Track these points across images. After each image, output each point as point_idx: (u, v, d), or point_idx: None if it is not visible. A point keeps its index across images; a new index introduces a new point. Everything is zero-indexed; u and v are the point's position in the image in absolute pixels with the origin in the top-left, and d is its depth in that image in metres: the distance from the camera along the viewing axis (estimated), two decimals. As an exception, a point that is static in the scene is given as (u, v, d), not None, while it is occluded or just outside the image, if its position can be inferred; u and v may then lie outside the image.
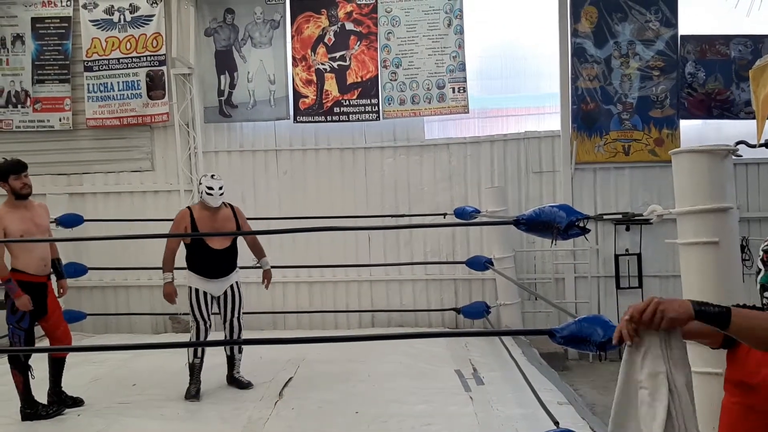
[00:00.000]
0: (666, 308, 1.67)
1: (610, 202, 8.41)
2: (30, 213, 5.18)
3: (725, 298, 2.67)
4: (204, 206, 5.68)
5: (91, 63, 8.72)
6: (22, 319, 5.05)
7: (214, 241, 5.61)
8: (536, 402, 4.85)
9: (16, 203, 5.11)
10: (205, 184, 5.66)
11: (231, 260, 5.78)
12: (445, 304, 8.60)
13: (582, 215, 3.27)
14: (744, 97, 8.15)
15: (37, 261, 5.18)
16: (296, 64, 8.57)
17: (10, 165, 5.11)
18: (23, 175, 5.11)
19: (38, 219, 5.24)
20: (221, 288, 5.75)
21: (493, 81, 8.92)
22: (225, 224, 5.71)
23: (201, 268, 5.66)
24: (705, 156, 2.71)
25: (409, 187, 8.70)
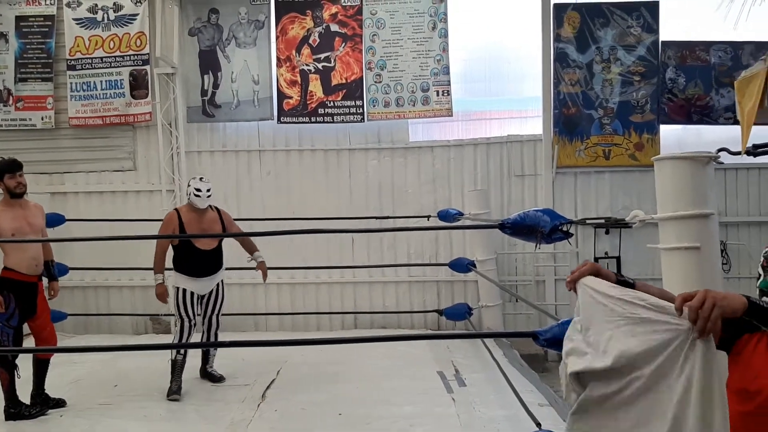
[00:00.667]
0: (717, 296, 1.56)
1: (590, 206, 8.50)
2: (24, 212, 5.21)
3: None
4: (191, 208, 5.87)
5: (74, 62, 8.65)
6: (12, 318, 5.04)
7: (202, 242, 5.77)
8: (518, 403, 4.90)
9: (11, 202, 5.15)
10: (193, 186, 5.85)
11: (217, 260, 5.98)
12: (428, 305, 8.63)
13: (565, 220, 3.32)
14: (723, 103, 8.28)
15: (29, 260, 5.18)
16: (281, 64, 8.57)
17: (5, 164, 5.17)
18: (18, 174, 5.15)
19: (32, 218, 5.27)
20: (208, 287, 5.94)
21: (477, 84, 8.98)
22: (212, 226, 5.89)
23: (188, 269, 5.81)
24: (687, 162, 2.77)
25: (393, 189, 8.73)
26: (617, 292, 1.84)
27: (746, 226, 8.42)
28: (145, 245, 8.70)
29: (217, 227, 5.95)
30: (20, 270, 5.12)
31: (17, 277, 5.11)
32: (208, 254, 5.86)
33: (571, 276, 2.03)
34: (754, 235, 8.46)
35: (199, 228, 5.79)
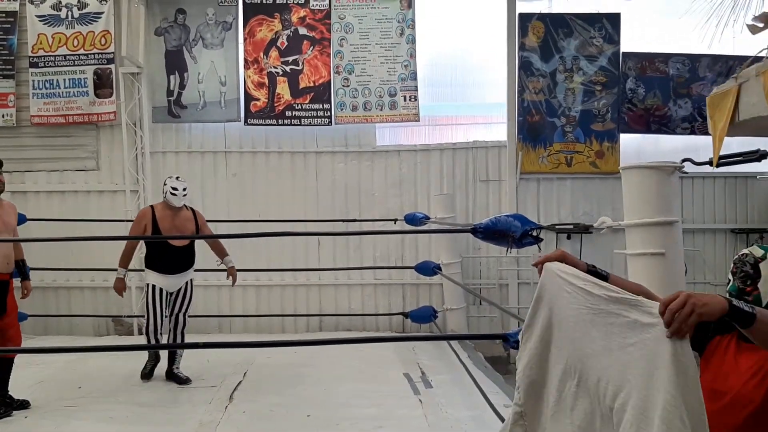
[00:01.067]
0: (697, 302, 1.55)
1: (552, 211, 8.68)
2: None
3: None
4: (166, 206, 6.02)
5: (36, 59, 8.51)
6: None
7: (174, 240, 5.90)
8: (484, 404, 5.01)
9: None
10: (170, 185, 5.99)
11: (189, 258, 6.11)
12: (393, 308, 8.71)
13: (535, 225, 3.42)
14: (681, 114, 8.55)
15: (1, 259, 5.14)
16: (248, 66, 8.56)
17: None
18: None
19: (6, 217, 5.26)
20: (177, 284, 6.04)
21: (443, 89, 9.09)
22: (185, 224, 6.03)
23: (160, 265, 5.94)
24: (653, 172, 2.89)
25: (360, 193, 8.79)
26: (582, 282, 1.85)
27: (701, 233, 8.70)
28: (107, 246, 8.59)
29: (191, 226, 6.06)
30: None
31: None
32: (179, 251, 5.98)
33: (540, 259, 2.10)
34: (708, 241, 8.75)
35: (171, 225, 5.93)
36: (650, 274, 2.88)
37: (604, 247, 8.49)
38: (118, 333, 8.65)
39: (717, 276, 8.69)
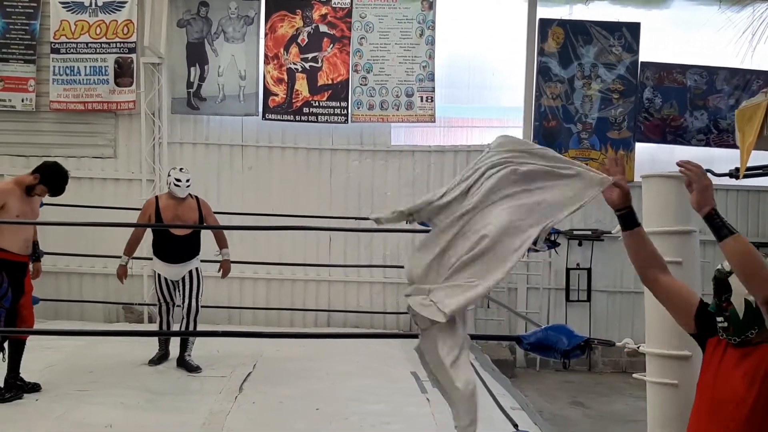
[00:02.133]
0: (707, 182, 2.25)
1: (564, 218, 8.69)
2: (30, 198, 5.34)
3: (686, 314, 2.87)
4: (171, 196, 6.17)
5: (58, 45, 8.60)
6: (4, 298, 5.04)
7: (177, 230, 6.03)
8: (491, 406, 5.02)
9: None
10: (173, 176, 6.15)
11: (191, 247, 6.18)
12: (401, 307, 8.72)
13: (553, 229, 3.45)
14: (696, 125, 8.57)
15: (22, 242, 5.25)
16: (268, 61, 8.63)
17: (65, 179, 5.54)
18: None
19: (34, 203, 5.43)
20: (180, 273, 6.14)
21: (459, 90, 9.13)
22: (188, 213, 6.14)
23: (163, 253, 6.12)
24: (673, 181, 2.91)
25: (373, 191, 8.85)
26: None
27: (713, 245, 8.65)
28: (121, 233, 8.65)
29: (194, 215, 6.18)
30: (12, 250, 5.14)
31: (10, 257, 5.12)
32: (181, 240, 6.08)
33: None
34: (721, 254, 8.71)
35: (174, 215, 6.07)
36: (666, 282, 2.91)
37: (615, 254, 8.52)
38: (129, 320, 8.73)
39: (727, 289, 8.68)
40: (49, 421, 4.70)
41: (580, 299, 8.70)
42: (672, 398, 2.88)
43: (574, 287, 8.70)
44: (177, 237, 6.07)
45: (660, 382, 2.90)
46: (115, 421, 4.74)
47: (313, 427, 4.86)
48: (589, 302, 8.70)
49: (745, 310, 2.22)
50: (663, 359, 2.91)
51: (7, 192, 5.13)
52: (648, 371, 2.98)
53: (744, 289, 2.22)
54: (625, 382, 7.84)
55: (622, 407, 7.05)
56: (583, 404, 7.22)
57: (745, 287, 2.14)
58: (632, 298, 8.42)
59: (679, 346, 2.87)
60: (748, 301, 2.21)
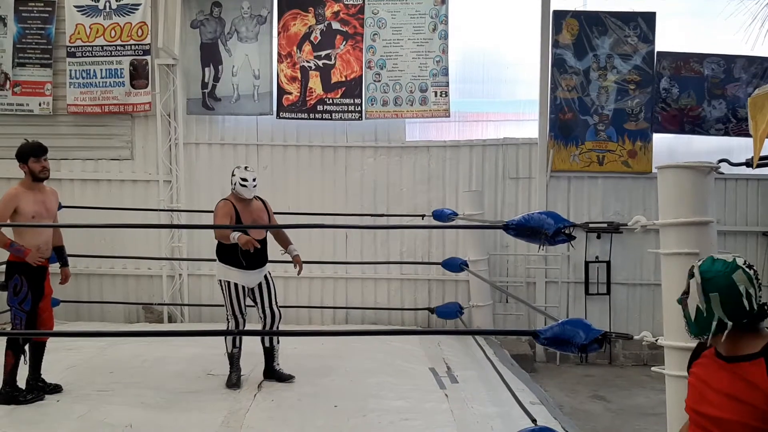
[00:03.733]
0: None
1: (582, 211, 8.64)
2: (43, 196, 5.29)
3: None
4: (238, 198, 5.73)
5: (74, 49, 8.67)
6: (24, 301, 5.10)
7: (253, 233, 5.57)
8: (510, 401, 5.02)
9: (33, 185, 5.22)
10: (239, 176, 5.69)
11: (265, 251, 5.83)
12: (419, 303, 8.74)
13: (569, 223, 3.43)
14: (715, 115, 8.46)
15: (42, 244, 5.25)
16: (281, 60, 8.64)
17: (30, 147, 5.21)
18: (43, 158, 5.21)
19: (49, 204, 5.35)
20: (257, 279, 5.77)
21: (473, 85, 9.08)
22: (261, 215, 5.82)
23: (238, 260, 5.60)
24: (690, 172, 2.87)
25: (388, 188, 8.83)
26: None
27: (732, 236, 8.59)
28: (140, 235, 8.79)
29: (265, 217, 5.87)
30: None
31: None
32: (260, 244, 5.65)
33: None
34: (740, 244, 8.63)
35: (250, 218, 5.71)
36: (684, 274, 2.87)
37: (634, 247, 8.46)
38: (149, 320, 8.80)
39: (748, 279, 8.58)
40: (71, 422, 4.76)
41: (600, 292, 8.63)
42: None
43: (594, 280, 8.63)
44: (258, 241, 5.54)
45: (679, 375, 2.87)
46: (135, 420, 4.78)
47: (331, 423, 4.87)
48: (608, 295, 8.63)
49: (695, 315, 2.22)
50: (682, 352, 2.87)
51: (17, 196, 5.12)
52: (666, 364, 2.95)
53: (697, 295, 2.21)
54: (646, 375, 7.78)
55: (643, 400, 6.99)
56: (605, 398, 7.17)
57: None
58: (652, 290, 8.34)
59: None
60: (699, 309, 2.20)
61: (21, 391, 5.19)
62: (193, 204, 8.73)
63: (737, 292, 2.16)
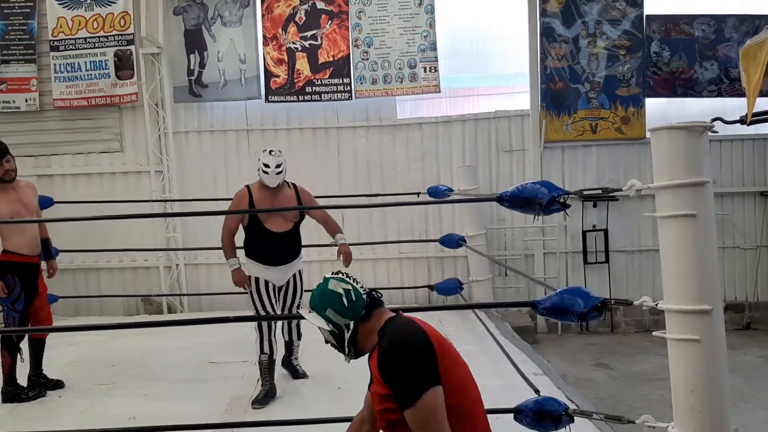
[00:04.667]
0: None
1: (577, 180, 8.60)
2: (18, 194, 5.12)
3: (703, 268, 2.81)
4: (262, 185, 5.04)
5: (57, 43, 8.55)
6: (17, 301, 5.04)
7: (274, 224, 5.04)
8: (513, 373, 5.01)
9: (3, 186, 5.03)
10: (261, 161, 5.01)
11: (293, 245, 5.19)
12: (419, 281, 8.72)
13: (563, 191, 3.39)
14: (707, 76, 8.39)
15: (29, 241, 5.13)
16: (267, 43, 8.53)
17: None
18: (4, 160, 4.98)
19: (26, 199, 5.18)
20: (284, 277, 5.18)
21: (463, 60, 9.00)
22: (285, 205, 5.10)
23: (261, 255, 5.05)
24: (683, 132, 2.82)
25: (382, 167, 8.77)
26: None
27: (730, 197, 8.56)
28: (135, 227, 8.73)
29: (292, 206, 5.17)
30: (21, 252, 5.08)
31: (20, 260, 5.07)
32: (281, 238, 5.06)
33: None
34: (737, 205, 8.61)
35: (270, 207, 5.04)
36: (681, 237, 2.83)
37: (631, 214, 8.43)
38: (148, 312, 8.77)
39: (747, 240, 8.59)
40: (73, 417, 4.73)
41: (599, 261, 8.61)
42: (694, 354, 2.82)
43: (592, 249, 8.61)
44: (275, 234, 5.03)
45: (681, 338, 2.84)
46: (138, 412, 4.76)
47: (335, 406, 4.83)
48: (607, 263, 8.61)
49: (338, 341, 2.57)
50: (682, 315, 2.84)
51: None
52: (668, 328, 2.92)
53: (324, 324, 2.52)
54: (648, 340, 7.78)
55: (647, 366, 7.00)
56: (608, 366, 7.17)
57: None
58: (651, 256, 8.32)
59: (699, 300, 2.80)
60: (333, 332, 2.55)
61: (23, 389, 5.18)
62: (186, 193, 8.68)
63: (337, 295, 2.46)
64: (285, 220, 5.08)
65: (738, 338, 7.95)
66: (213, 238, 8.59)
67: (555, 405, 3.49)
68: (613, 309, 8.26)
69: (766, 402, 5.78)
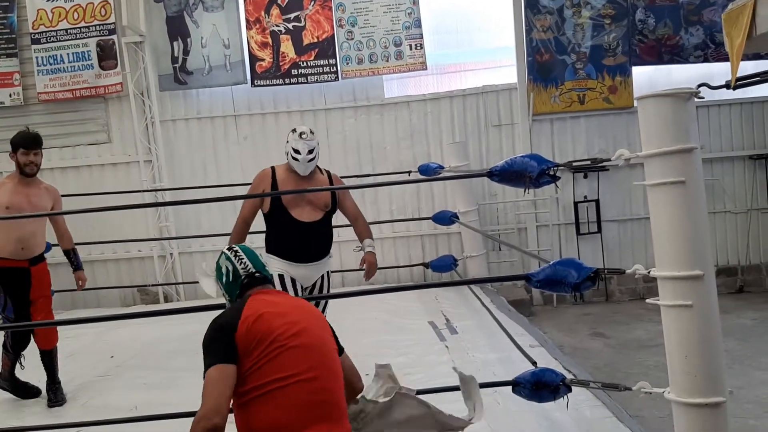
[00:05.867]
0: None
1: (567, 151, 8.60)
2: (29, 190, 4.75)
3: (693, 233, 2.82)
4: (290, 169, 4.39)
5: (38, 35, 8.47)
6: (5, 308, 4.74)
7: (302, 213, 4.30)
8: (509, 346, 5.04)
9: (20, 178, 4.74)
10: (291, 145, 4.31)
11: (324, 239, 4.45)
12: (413, 259, 8.74)
13: (552, 163, 3.39)
14: (693, 42, 8.37)
15: (14, 243, 4.68)
16: (250, 27, 8.46)
17: (22, 138, 4.72)
18: (33, 152, 4.70)
19: (36, 199, 4.76)
20: (313, 276, 4.43)
21: (448, 36, 8.96)
22: (316, 195, 4.35)
23: (286, 249, 4.30)
24: (669, 99, 2.82)
25: (372, 147, 8.75)
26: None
27: (719, 162, 8.59)
28: (127, 218, 8.70)
29: (325, 198, 4.39)
30: (1, 254, 4.66)
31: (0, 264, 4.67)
32: (310, 229, 4.31)
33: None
34: (727, 170, 8.65)
35: (299, 197, 4.30)
36: (671, 204, 2.84)
37: (622, 183, 8.46)
38: (145, 302, 8.78)
39: (737, 204, 8.63)
40: (75, 410, 4.74)
41: (591, 231, 8.65)
42: (687, 319, 2.84)
43: (584, 220, 8.64)
44: (302, 224, 4.27)
45: (673, 304, 2.86)
46: (140, 402, 4.77)
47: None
48: (600, 233, 8.65)
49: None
50: (674, 281, 2.86)
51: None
52: (661, 295, 2.94)
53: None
54: (643, 308, 7.83)
55: (642, 333, 7.06)
56: (604, 334, 7.23)
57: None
58: (643, 224, 8.35)
59: (690, 266, 2.82)
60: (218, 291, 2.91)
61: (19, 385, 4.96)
62: (176, 182, 8.65)
63: (224, 271, 2.73)
64: (314, 209, 4.33)
65: (732, 302, 8.02)
66: (206, 225, 8.69)
67: (552, 376, 3.52)
68: (607, 278, 8.30)
69: (760, 363, 5.84)
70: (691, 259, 2.83)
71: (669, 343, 2.94)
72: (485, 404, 3.00)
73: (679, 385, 2.87)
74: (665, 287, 2.91)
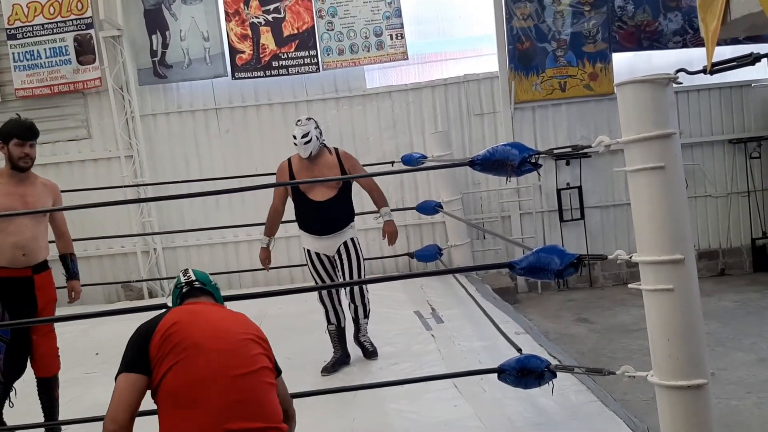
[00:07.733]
0: None
1: (549, 139, 8.64)
2: (23, 189, 4.11)
3: (673, 218, 2.85)
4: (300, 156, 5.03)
5: (14, 31, 8.36)
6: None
7: (315, 193, 4.99)
8: (495, 334, 5.08)
9: (12, 173, 4.07)
10: (292, 133, 5.00)
11: (338, 213, 5.11)
12: (398, 250, 8.69)
13: (534, 151, 3.41)
14: (672, 27, 8.42)
15: (11, 249, 4.03)
16: (229, 19, 8.41)
17: (16, 126, 4.09)
18: (29, 143, 4.07)
19: (31, 198, 4.14)
20: (333, 246, 5.12)
21: (429, 25, 8.96)
22: (326, 173, 5.01)
23: (307, 225, 5.09)
24: (648, 85, 2.84)
25: (355, 138, 8.74)
26: None
27: (699, 147, 8.67)
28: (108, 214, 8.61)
29: (334, 174, 5.05)
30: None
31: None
32: (323, 207, 5.00)
33: None
34: (707, 154, 8.73)
35: (310, 177, 4.99)
36: (651, 189, 2.87)
37: (604, 170, 8.50)
38: (129, 298, 8.73)
39: (717, 188, 8.71)
40: (62, 407, 4.69)
41: (574, 218, 8.71)
42: (668, 303, 2.88)
43: (567, 207, 8.70)
44: (317, 203, 4.98)
45: (655, 288, 2.89)
46: (126, 398, 4.74)
47: (322, 380, 4.90)
48: (583, 220, 8.71)
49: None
50: (656, 266, 2.89)
51: None
52: (642, 279, 2.97)
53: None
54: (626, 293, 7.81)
55: (626, 317, 7.13)
56: (588, 320, 7.29)
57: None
58: (625, 210, 8.41)
59: (671, 250, 2.85)
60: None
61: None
62: (158, 176, 8.59)
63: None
64: (327, 188, 5.00)
65: (713, 285, 8.12)
66: (189, 220, 8.66)
67: (537, 362, 3.55)
68: (591, 264, 8.36)
69: (742, 345, 5.92)
70: (671, 243, 2.86)
71: (651, 327, 2.98)
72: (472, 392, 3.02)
73: (662, 368, 2.91)
74: (646, 272, 2.95)
